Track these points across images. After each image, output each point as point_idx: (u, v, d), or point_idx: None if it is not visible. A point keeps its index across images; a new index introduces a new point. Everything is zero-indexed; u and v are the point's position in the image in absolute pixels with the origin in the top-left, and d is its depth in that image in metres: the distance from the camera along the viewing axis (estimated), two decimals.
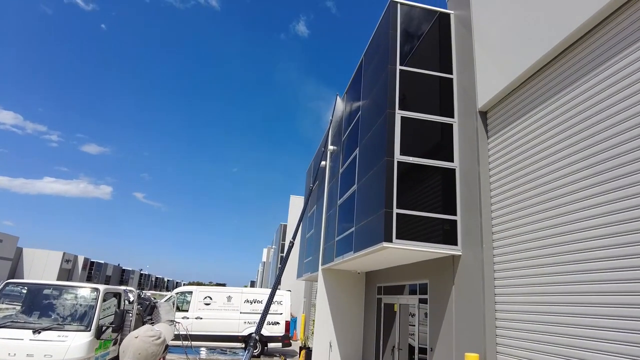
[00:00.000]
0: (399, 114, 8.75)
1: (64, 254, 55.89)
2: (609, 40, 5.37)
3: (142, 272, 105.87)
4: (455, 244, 8.00)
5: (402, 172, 8.33)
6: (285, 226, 41.36)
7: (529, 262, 6.35)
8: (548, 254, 5.96)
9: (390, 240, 7.78)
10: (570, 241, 5.58)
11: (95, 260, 70.93)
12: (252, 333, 6.88)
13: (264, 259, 67.95)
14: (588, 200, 5.36)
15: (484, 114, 8.05)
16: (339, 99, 15.49)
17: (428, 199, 8.27)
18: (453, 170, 8.48)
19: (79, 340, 7.44)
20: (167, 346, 2.15)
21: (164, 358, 2.17)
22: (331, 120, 14.84)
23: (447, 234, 8.06)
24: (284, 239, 42.35)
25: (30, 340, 7.19)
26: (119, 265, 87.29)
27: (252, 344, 3.17)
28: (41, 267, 51.43)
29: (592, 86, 5.54)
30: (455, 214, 8.18)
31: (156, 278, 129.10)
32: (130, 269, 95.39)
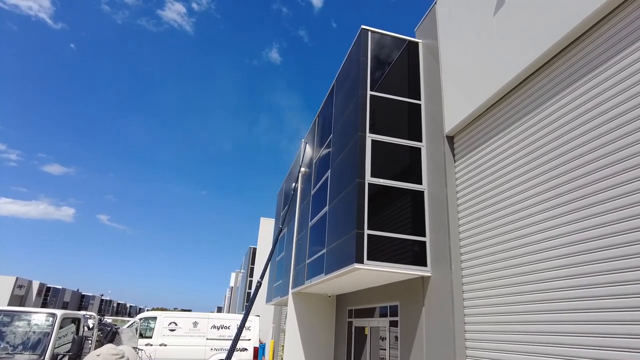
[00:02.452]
0: (369, 137, 8.93)
1: (17, 279, 52.78)
2: (570, 67, 5.74)
3: (103, 298, 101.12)
4: (425, 265, 8.10)
5: (372, 194, 8.45)
6: (254, 249, 40.35)
7: (496, 282, 6.50)
8: (514, 274, 6.13)
9: (362, 262, 7.80)
10: (535, 261, 5.77)
11: (51, 286, 67.26)
12: None
13: (232, 283, 66.26)
14: (552, 221, 5.59)
15: (450, 139, 8.34)
16: (303, 144, 16.05)
17: (398, 220, 8.38)
18: (422, 193, 8.67)
19: None
20: None
21: None
22: (300, 166, 14.91)
23: (416, 255, 8.16)
24: (253, 263, 41.27)
25: None
26: (78, 290, 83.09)
27: None
28: None
29: (554, 112, 5.87)
30: (424, 235, 8.31)
31: (118, 304, 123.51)
32: (91, 294, 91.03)
